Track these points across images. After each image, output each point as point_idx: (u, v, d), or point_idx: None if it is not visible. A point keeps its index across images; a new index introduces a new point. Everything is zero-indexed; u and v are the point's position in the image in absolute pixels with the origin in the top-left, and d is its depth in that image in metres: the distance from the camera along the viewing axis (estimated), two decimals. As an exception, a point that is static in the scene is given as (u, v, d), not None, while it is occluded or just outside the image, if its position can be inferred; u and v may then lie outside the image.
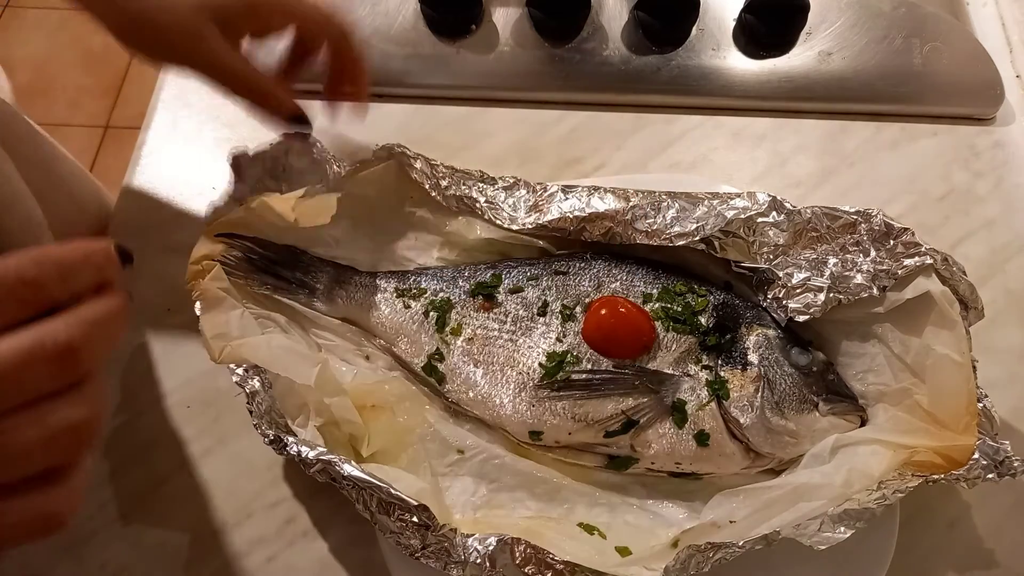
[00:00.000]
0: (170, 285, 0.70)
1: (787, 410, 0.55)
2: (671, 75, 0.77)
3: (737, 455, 0.56)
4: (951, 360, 0.53)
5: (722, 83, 0.77)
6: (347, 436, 0.56)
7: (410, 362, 0.60)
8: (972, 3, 0.83)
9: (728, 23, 0.79)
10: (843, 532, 0.48)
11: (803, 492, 0.52)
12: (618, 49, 0.79)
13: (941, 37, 0.77)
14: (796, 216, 0.57)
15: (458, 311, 0.60)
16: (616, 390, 0.56)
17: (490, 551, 0.48)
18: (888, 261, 0.55)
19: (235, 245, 0.59)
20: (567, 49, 0.79)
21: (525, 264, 0.62)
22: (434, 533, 0.49)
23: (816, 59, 0.77)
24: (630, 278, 0.60)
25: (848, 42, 0.78)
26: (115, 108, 2.05)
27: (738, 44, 0.78)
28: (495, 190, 0.61)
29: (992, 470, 0.50)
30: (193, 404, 0.65)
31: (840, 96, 0.77)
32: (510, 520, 0.55)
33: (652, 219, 0.58)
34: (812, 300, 0.56)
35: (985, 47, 0.77)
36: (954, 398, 0.52)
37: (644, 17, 0.78)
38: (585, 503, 0.56)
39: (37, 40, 2.15)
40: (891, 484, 0.50)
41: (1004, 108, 0.76)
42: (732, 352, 0.57)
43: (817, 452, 0.55)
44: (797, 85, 0.77)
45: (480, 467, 0.57)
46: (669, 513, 0.56)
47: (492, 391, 0.58)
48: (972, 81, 0.76)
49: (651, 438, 0.56)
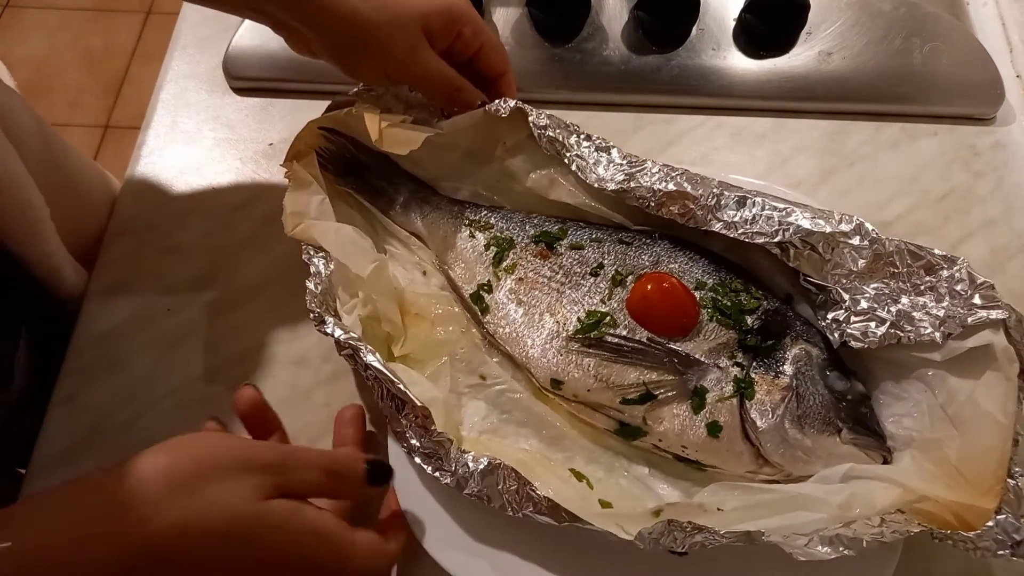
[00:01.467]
0: (170, 285, 0.70)
1: (807, 427, 0.54)
2: (671, 75, 0.77)
3: (745, 456, 0.55)
4: (993, 419, 0.51)
5: (722, 83, 0.77)
6: (385, 334, 0.59)
7: (461, 287, 0.63)
8: (972, 3, 0.83)
9: (728, 23, 0.79)
10: (828, 553, 0.47)
11: (800, 502, 0.51)
12: (618, 49, 0.79)
13: (941, 37, 0.77)
14: (879, 246, 0.55)
15: (516, 252, 0.63)
16: (643, 361, 0.56)
17: (480, 469, 0.51)
18: (960, 310, 0.53)
19: (334, 141, 0.64)
20: (567, 49, 0.79)
21: (593, 227, 0.63)
22: (432, 437, 0.52)
23: (816, 59, 0.77)
24: (690, 264, 0.60)
25: (848, 42, 0.78)
26: (115, 108, 2.05)
27: (738, 44, 0.78)
28: (589, 144, 0.61)
29: (1006, 547, 0.47)
30: (193, 404, 0.65)
31: (840, 96, 0.77)
32: (509, 450, 0.57)
33: (734, 211, 0.57)
34: (871, 330, 0.55)
35: (985, 47, 0.77)
36: (985, 458, 0.50)
37: (644, 17, 0.78)
38: (584, 457, 0.58)
39: (37, 40, 2.15)
40: (893, 523, 0.49)
41: (1004, 108, 0.76)
42: (769, 358, 0.57)
43: (827, 475, 0.54)
44: (797, 85, 0.77)
45: (497, 396, 0.60)
46: (664, 491, 0.57)
47: (527, 332, 0.60)
48: (972, 81, 0.77)
49: (664, 415, 0.56)
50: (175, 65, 0.82)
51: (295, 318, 0.68)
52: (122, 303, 0.69)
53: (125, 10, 2.21)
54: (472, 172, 0.66)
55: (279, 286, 0.69)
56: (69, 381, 0.66)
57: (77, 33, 2.16)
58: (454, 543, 0.54)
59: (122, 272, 0.71)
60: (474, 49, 0.61)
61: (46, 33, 2.16)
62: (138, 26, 2.18)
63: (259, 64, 0.79)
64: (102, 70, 2.10)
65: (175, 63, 0.82)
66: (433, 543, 0.54)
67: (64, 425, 0.64)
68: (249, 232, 0.72)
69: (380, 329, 0.59)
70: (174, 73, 0.82)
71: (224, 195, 0.75)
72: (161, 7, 2.21)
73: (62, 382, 0.66)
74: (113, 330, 0.68)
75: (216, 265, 0.71)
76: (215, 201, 0.74)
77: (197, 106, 0.80)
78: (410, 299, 0.62)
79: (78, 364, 0.67)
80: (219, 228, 0.73)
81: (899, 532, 0.48)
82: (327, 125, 0.64)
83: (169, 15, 2.14)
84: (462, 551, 0.54)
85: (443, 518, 0.55)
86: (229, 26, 0.82)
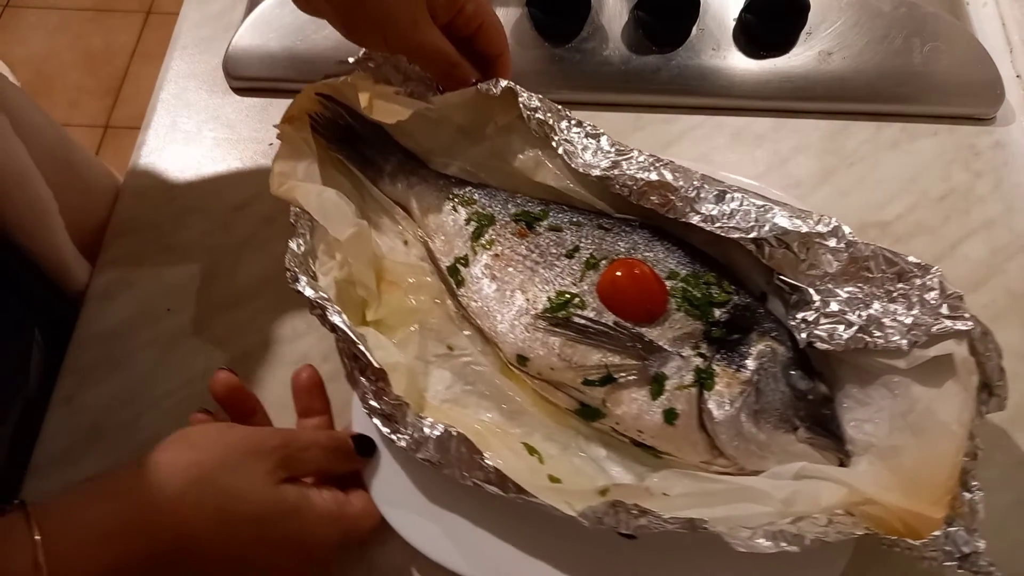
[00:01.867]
0: (170, 285, 0.70)
1: (763, 422, 0.55)
2: (671, 75, 0.77)
3: (700, 446, 0.56)
4: (948, 429, 0.51)
5: (722, 83, 0.77)
6: (360, 298, 0.61)
7: (439, 259, 0.64)
8: (972, 3, 0.83)
9: (728, 23, 0.79)
10: (769, 547, 0.48)
11: (746, 495, 0.52)
12: (618, 49, 0.79)
13: (941, 37, 0.77)
14: (855, 249, 0.55)
15: (496, 228, 0.63)
16: (607, 344, 0.57)
17: (435, 435, 0.52)
18: (928, 319, 0.53)
19: (328, 108, 0.64)
20: (567, 49, 0.79)
21: (575, 211, 0.64)
22: (389, 400, 0.53)
23: (816, 59, 0.77)
24: (666, 254, 0.60)
25: (848, 42, 0.78)
26: (115, 108, 2.05)
27: (738, 44, 0.78)
28: (579, 130, 0.61)
29: (953, 559, 0.47)
30: (193, 404, 0.65)
31: (840, 96, 0.77)
32: (467, 420, 0.58)
33: (713, 205, 0.57)
34: (838, 333, 0.55)
35: (985, 47, 0.77)
36: (938, 468, 0.50)
37: (644, 17, 0.78)
38: (542, 434, 0.58)
39: (37, 40, 2.15)
40: (839, 524, 0.49)
41: (1004, 108, 0.76)
42: (734, 351, 0.57)
43: (779, 471, 0.54)
44: (797, 85, 0.77)
45: (462, 368, 0.61)
46: (617, 474, 0.57)
47: (497, 307, 0.60)
48: (972, 81, 0.76)
49: (623, 399, 0.57)
50: (175, 65, 0.82)
51: (295, 318, 0.68)
52: (122, 303, 0.69)
53: (125, 10, 2.21)
54: (463, 149, 0.67)
55: (279, 286, 0.68)
56: (69, 381, 0.66)
57: (77, 33, 2.16)
58: (407, 505, 0.56)
59: (122, 272, 0.71)
60: (474, 26, 0.61)
61: (46, 33, 2.16)
62: (138, 26, 2.18)
63: (259, 64, 0.79)
64: (102, 70, 2.10)
65: (175, 63, 0.82)
66: (385, 503, 0.56)
67: (64, 425, 0.64)
68: (249, 232, 0.72)
69: (355, 293, 0.60)
70: (174, 73, 0.82)
71: (224, 195, 0.75)
72: (161, 7, 2.21)
73: (62, 382, 0.66)
74: (113, 330, 0.68)
75: (216, 265, 0.71)
76: (215, 201, 0.75)
77: (197, 106, 0.80)
78: (387, 267, 0.63)
79: (78, 364, 0.67)
80: (219, 228, 0.73)
81: (843, 533, 0.48)
82: (324, 92, 0.64)
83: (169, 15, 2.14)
84: (414, 513, 0.56)
85: (400, 481, 0.57)
86: (229, 26, 0.82)
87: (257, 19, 0.80)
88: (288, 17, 0.80)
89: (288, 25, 0.80)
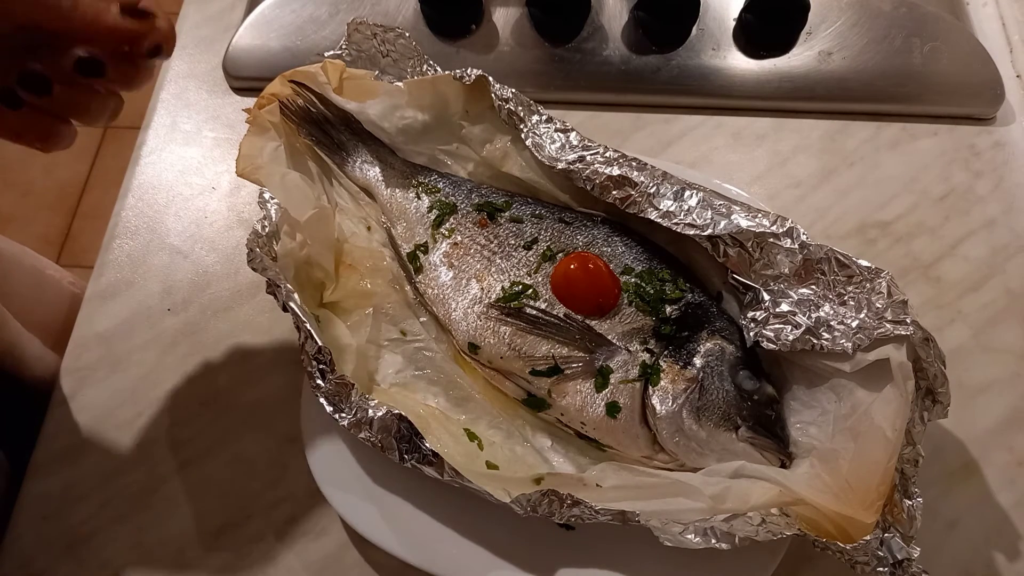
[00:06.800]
0: (170, 285, 0.70)
1: (704, 419, 0.55)
2: (671, 75, 0.77)
3: (642, 440, 0.56)
4: (883, 434, 0.51)
5: (722, 83, 0.77)
6: (318, 280, 0.61)
7: (400, 245, 0.65)
8: (972, 3, 0.83)
9: (728, 23, 0.79)
10: (699, 543, 0.48)
11: (678, 489, 0.52)
12: (618, 49, 0.79)
13: (941, 37, 0.77)
14: (808, 251, 0.55)
15: (457, 217, 0.64)
16: (556, 335, 0.58)
17: (376, 417, 0.52)
18: (872, 323, 0.53)
19: (301, 94, 0.65)
20: (567, 49, 0.79)
21: (538, 204, 0.64)
22: (334, 379, 0.53)
23: (816, 59, 0.77)
24: (623, 249, 0.61)
25: (848, 42, 0.78)
26: (115, 108, 2.05)
27: (738, 44, 0.79)
28: (549, 125, 0.62)
29: (887, 565, 0.48)
30: (193, 404, 0.65)
31: (840, 96, 0.77)
32: (412, 403, 0.58)
33: (672, 202, 0.58)
34: (785, 334, 0.55)
35: (985, 47, 0.77)
36: (871, 472, 0.50)
37: (644, 17, 0.78)
38: (487, 422, 0.59)
39: (37, 40, 2.14)
40: (771, 524, 0.49)
41: (1004, 108, 0.76)
42: (682, 348, 0.57)
43: (717, 469, 0.54)
44: (797, 85, 0.77)
45: (414, 353, 0.61)
46: (559, 465, 0.58)
47: (452, 295, 0.61)
48: (972, 81, 0.77)
49: (568, 390, 0.57)
50: (175, 65, 0.82)
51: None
52: (122, 303, 0.70)
53: (125, 10, 2.20)
54: (432, 138, 0.67)
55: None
56: (69, 381, 0.66)
57: (77, 33, 2.16)
58: (347, 486, 0.56)
59: (122, 272, 0.71)
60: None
61: (46, 33, 2.16)
62: (138, 26, 2.18)
63: (259, 64, 0.79)
64: (102, 70, 2.10)
65: (175, 63, 0.82)
66: (328, 484, 0.56)
67: (64, 425, 0.64)
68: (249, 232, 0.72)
69: (314, 274, 0.61)
70: (174, 73, 0.82)
71: (224, 195, 0.75)
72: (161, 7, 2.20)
73: (62, 382, 0.66)
74: (113, 330, 0.68)
75: (216, 265, 0.71)
76: (215, 200, 0.75)
77: (197, 106, 0.80)
78: (348, 250, 0.64)
79: (78, 364, 0.67)
80: (219, 228, 0.73)
81: (773, 533, 0.49)
82: (296, 79, 0.65)
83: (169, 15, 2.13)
84: (354, 495, 0.56)
85: (344, 463, 0.57)
86: (229, 26, 0.82)
87: (257, 19, 0.80)
88: (288, 17, 0.80)
89: (288, 25, 0.80)
